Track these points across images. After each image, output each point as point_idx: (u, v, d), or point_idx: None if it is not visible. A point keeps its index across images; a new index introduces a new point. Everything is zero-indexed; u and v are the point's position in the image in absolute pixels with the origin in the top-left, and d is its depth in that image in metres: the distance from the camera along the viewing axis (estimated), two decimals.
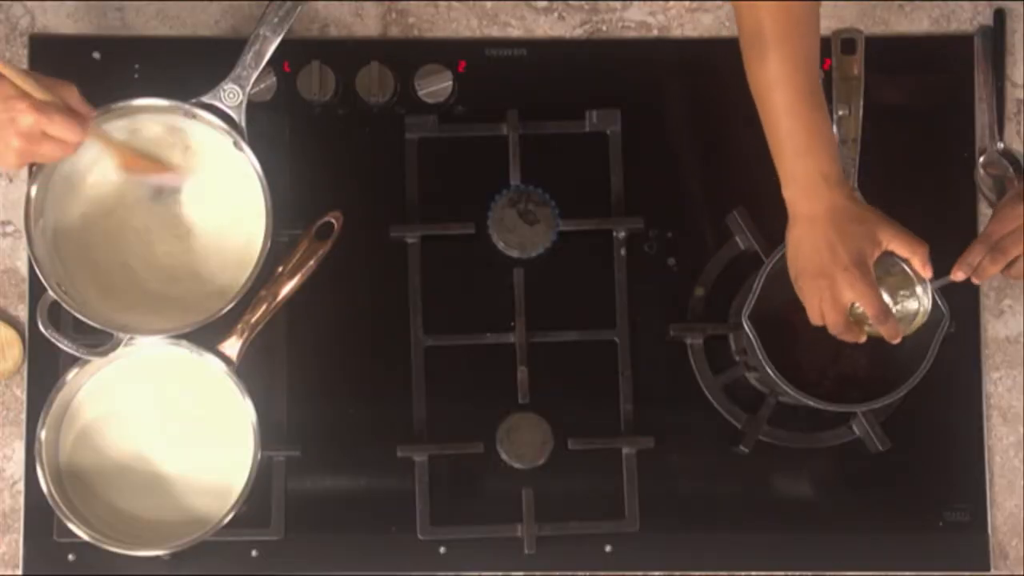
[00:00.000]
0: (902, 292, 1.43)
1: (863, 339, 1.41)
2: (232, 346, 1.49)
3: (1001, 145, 1.61)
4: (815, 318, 1.40)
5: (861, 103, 1.52)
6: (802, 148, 1.37)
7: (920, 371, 1.46)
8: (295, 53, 1.57)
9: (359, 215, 1.55)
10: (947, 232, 1.60)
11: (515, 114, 1.58)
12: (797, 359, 1.52)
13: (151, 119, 1.49)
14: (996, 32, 1.63)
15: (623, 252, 1.58)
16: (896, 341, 1.40)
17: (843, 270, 1.35)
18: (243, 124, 1.49)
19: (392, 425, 1.56)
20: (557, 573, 1.56)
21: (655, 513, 1.55)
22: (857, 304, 1.37)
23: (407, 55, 1.60)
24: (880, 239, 1.37)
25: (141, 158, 1.49)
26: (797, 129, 1.36)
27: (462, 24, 1.62)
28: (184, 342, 1.48)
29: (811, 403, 1.47)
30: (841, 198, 1.37)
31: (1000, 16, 1.63)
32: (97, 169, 1.50)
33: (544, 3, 1.63)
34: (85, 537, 1.45)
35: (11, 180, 1.59)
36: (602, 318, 1.58)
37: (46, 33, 1.60)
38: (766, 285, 1.48)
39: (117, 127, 1.48)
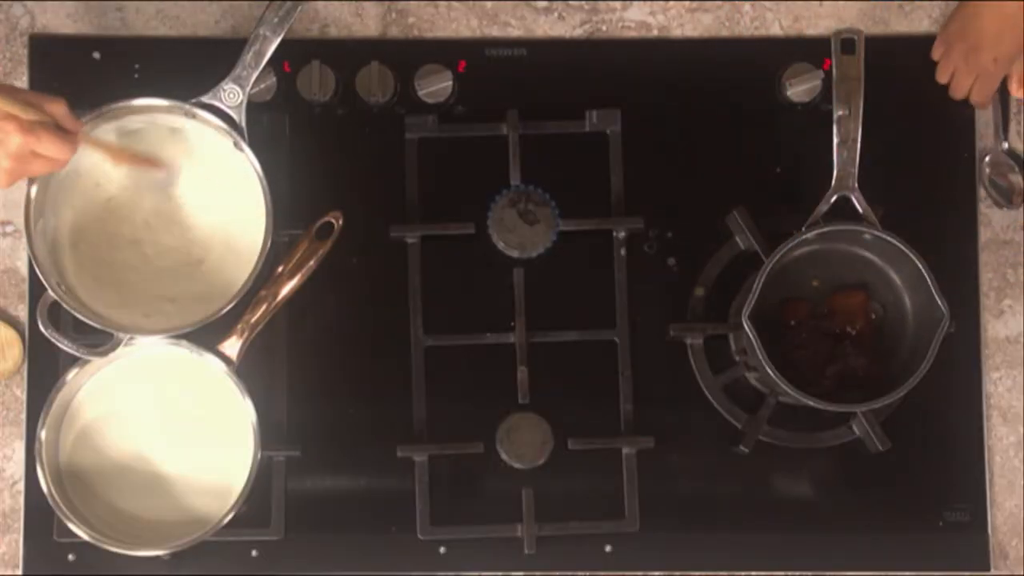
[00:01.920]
0: None
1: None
2: (232, 346, 1.49)
3: (1006, 145, 1.61)
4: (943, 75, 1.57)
5: (861, 103, 1.52)
6: None
7: (920, 371, 1.46)
8: (295, 53, 1.57)
9: (359, 215, 1.55)
10: (947, 232, 1.60)
11: (515, 114, 1.58)
12: (797, 359, 1.52)
13: (150, 121, 1.49)
14: None
15: (623, 252, 1.58)
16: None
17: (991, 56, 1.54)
18: (243, 124, 1.49)
19: (392, 425, 1.56)
20: (557, 573, 1.56)
21: (655, 513, 1.55)
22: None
23: (407, 55, 1.60)
24: None
25: (132, 155, 1.49)
26: None
27: (462, 24, 1.62)
28: (184, 342, 1.48)
29: (811, 403, 1.47)
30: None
31: None
32: (97, 170, 1.50)
33: (544, 3, 1.63)
34: (85, 537, 1.46)
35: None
36: (602, 318, 1.58)
37: (46, 33, 1.60)
38: (766, 285, 1.48)
39: (110, 129, 1.48)
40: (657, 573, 1.57)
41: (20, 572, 1.55)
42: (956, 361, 1.57)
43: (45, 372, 1.55)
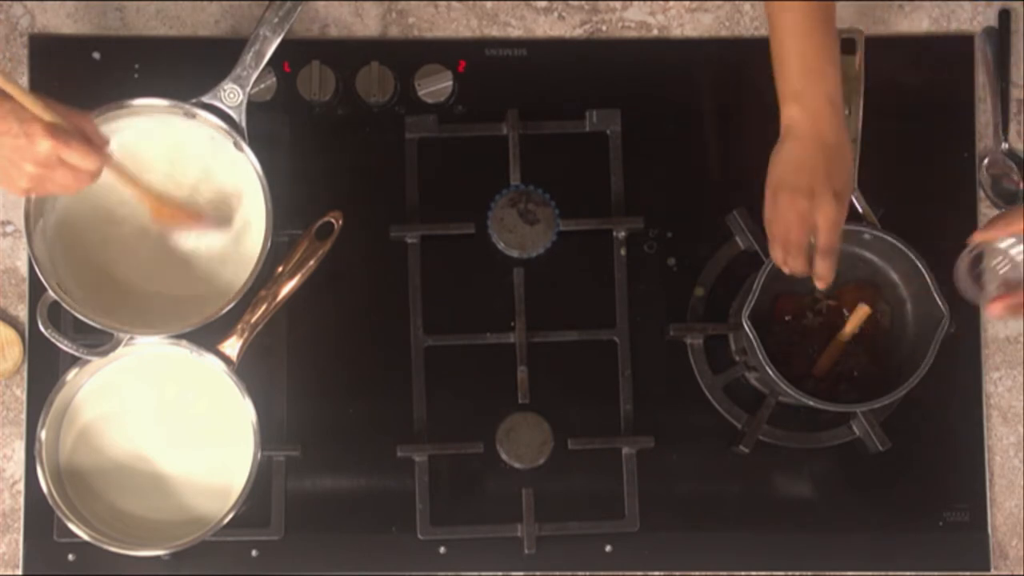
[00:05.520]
0: None
1: (799, 270, 1.41)
2: (232, 346, 1.49)
3: (1006, 146, 1.61)
4: (779, 232, 1.40)
5: (861, 103, 1.52)
6: (813, 69, 1.37)
7: (920, 371, 1.46)
8: (295, 53, 1.57)
9: (359, 215, 1.55)
10: (947, 232, 1.60)
11: (515, 114, 1.58)
12: (797, 359, 1.52)
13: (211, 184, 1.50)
14: (1001, 32, 1.63)
15: (623, 252, 1.58)
16: (822, 285, 1.41)
17: (827, 195, 1.37)
18: (243, 124, 1.49)
19: (392, 425, 1.56)
20: (557, 573, 1.56)
21: (655, 513, 1.55)
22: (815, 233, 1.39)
23: (407, 55, 1.60)
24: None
25: (167, 204, 1.48)
26: (807, 50, 1.37)
27: (462, 24, 1.62)
28: (184, 342, 1.48)
29: (811, 403, 1.47)
30: (841, 128, 1.38)
31: (1004, 16, 1.63)
32: None
33: (544, 3, 1.63)
34: (85, 537, 1.46)
35: None
36: (602, 318, 1.58)
37: (46, 33, 1.61)
38: (766, 285, 1.48)
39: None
40: (657, 573, 1.57)
41: (20, 572, 1.55)
42: (956, 361, 1.57)
43: (45, 372, 1.55)
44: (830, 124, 1.37)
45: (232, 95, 1.49)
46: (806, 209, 1.37)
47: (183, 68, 1.56)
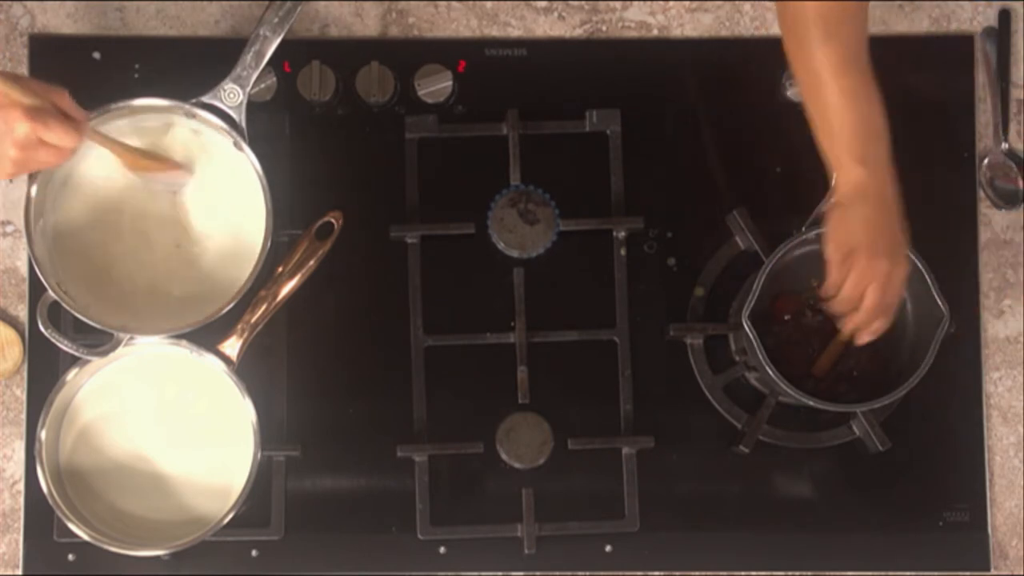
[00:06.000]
0: None
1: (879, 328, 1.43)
2: (232, 346, 1.49)
3: (1006, 146, 1.61)
4: (855, 295, 1.40)
5: None
6: (875, 130, 1.38)
7: (920, 371, 1.46)
8: (295, 53, 1.57)
9: (359, 215, 1.55)
10: (947, 232, 1.60)
11: (515, 114, 1.58)
12: (797, 359, 1.52)
13: (161, 119, 1.50)
14: (1001, 32, 1.63)
15: (623, 252, 1.59)
16: (868, 339, 1.44)
17: (903, 253, 1.40)
18: (243, 124, 1.49)
19: (392, 425, 1.56)
20: (557, 573, 1.56)
21: (655, 513, 1.55)
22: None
23: (407, 55, 1.60)
24: None
25: (144, 157, 1.48)
26: (869, 112, 1.38)
27: (462, 24, 1.62)
28: (184, 342, 1.48)
29: (811, 403, 1.47)
30: (895, 184, 1.40)
31: (1005, 17, 1.63)
32: (97, 169, 1.50)
33: (544, 3, 1.63)
34: (85, 537, 1.46)
35: (11, 180, 1.59)
36: (602, 318, 1.58)
37: (46, 33, 1.61)
38: (766, 285, 1.48)
39: (125, 127, 1.48)
40: (657, 573, 1.57)
41: (20, 572, 1.55)
42: (956, 361, 1.57)
43: (45, 372, 1.55)
44: (892, 183, 1.39)
45: (232, 95, 1.49)
46: (887, 270, 1.39)
47: (183, 68, 1.56)
